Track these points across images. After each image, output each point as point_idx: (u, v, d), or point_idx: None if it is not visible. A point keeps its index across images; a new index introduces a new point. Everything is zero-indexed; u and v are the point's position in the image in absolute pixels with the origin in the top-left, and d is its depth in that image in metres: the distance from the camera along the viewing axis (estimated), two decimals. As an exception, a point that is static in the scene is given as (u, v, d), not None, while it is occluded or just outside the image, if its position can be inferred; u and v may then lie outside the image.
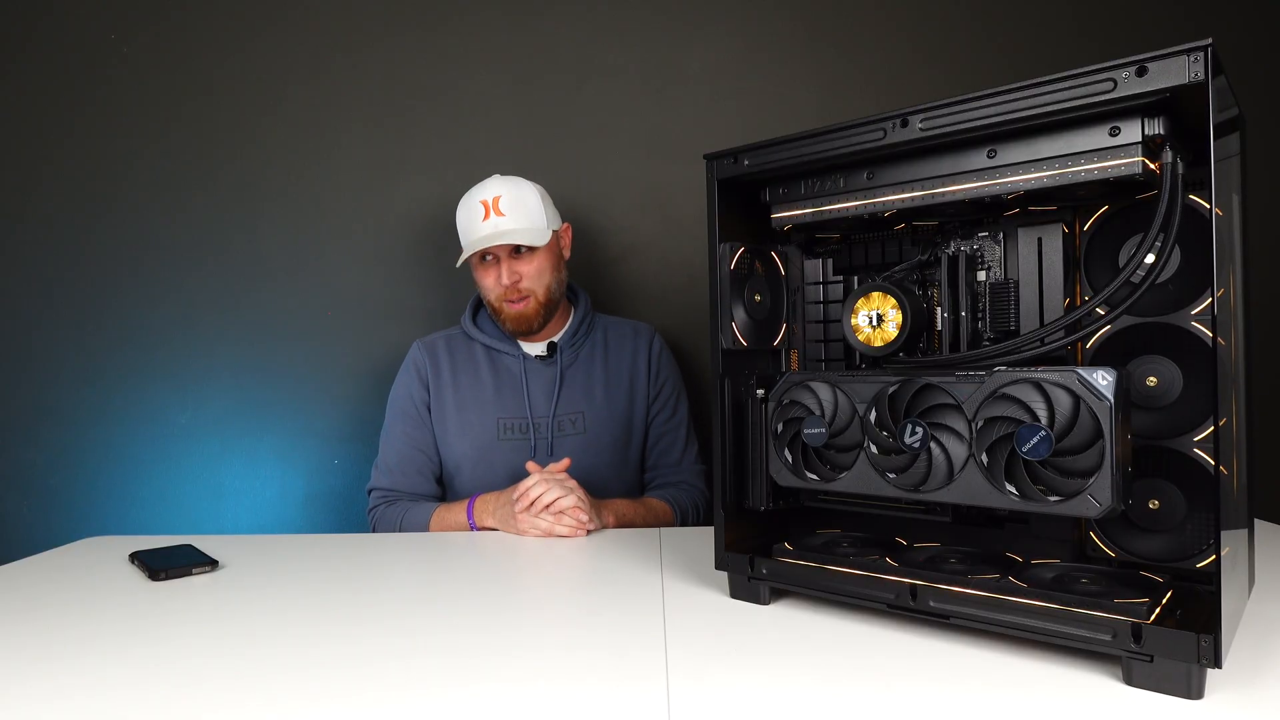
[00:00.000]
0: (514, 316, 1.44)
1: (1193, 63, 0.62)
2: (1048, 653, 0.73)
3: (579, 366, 1.49)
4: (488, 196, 1.42)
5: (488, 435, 1.44)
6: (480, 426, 1.44)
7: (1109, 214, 0.81)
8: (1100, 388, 0.67)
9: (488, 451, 1.44)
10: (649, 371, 1.53)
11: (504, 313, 1.45)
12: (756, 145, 0.86)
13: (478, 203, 1.43)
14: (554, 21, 1.71)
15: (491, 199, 1.42)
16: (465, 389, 1.47)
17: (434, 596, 0.99)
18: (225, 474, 1.70)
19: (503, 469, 1.43)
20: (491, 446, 1.44)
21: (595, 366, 1.50)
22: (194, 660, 0.76)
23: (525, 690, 0.68)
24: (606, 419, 1.47)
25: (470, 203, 1.44)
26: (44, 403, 1.68)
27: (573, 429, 1.45)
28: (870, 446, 0.80)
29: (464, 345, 1.50)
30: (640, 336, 1.54)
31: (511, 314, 1.44)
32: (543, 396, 1.46)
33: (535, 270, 1.43)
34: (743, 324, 0.92)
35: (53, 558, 1.20)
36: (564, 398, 1.46)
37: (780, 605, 0.89)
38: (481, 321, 1.53)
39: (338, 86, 1.70)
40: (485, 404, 1.45)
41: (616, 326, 1.56)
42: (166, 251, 1.69)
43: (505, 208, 1.41)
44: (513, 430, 1.45)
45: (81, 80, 1.68)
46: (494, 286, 1.44)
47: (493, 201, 1.41)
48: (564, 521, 1.21)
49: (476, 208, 1.43)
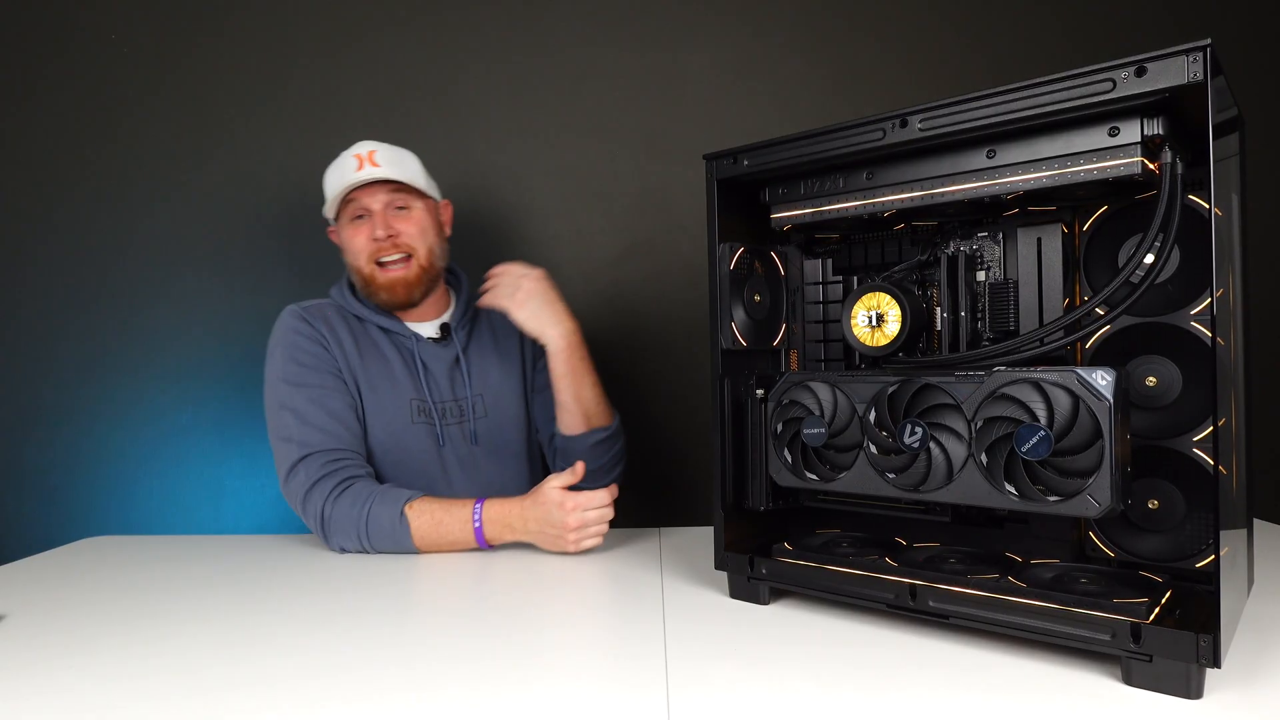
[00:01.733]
0: (389, 283, 1.28)
1: (1192, 63, 0.62)
2: (1047, 653, 0.73)
3: (473, 347, 1.38)
4: (361, 151, 1.29)
5: (402, 418, 1.29)
6: (394, 409, 1.28)
7: (1108, 214, 0.81)
8: (1099, 388, 0.67)
9: (402, 436, 1.28)
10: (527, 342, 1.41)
11: (377, 280, 1.28)
12: (756, 145, 0.87)
13: (350, 157, 1.29)
14: (554, 21, 1.71)
15: (366, 152, 1.28)
16: (372, 364, 1.29)
17: (432, 597, 0.99)
18: (225, 474, 1.69)
19: (417, 455, 1.29)
20: (405, 430, 1.29)
21: (485, 343, 1.39)
22: (194, 660, 0.76)
23: (525, 690, 0.68)
24: (507, 396, 1.37)
25: (342, 159, 1.30)
26: (43, 403, 1.68)
27: (475, 413, 1.34)
28: (870, 446, 0.80)
29: (353, 320, 1.33)
30: None
31: (386, 280, 1.28)
32: (448, 380, 1.33)
33: (417, 227, 1.30)
34: (742, 324, 0.92)
35: (53, 558, 1.20)
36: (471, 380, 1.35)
37: (780, 605, 0.89)
38: (362, 297, 1.34)
39: (338, 86, 1.70)
40: (396, 383, 1.30)
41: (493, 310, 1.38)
42: (167, 250, 1.69)
43: (381, 160, 1.27)
44: (423, 414, 1.30)
45: (81, 79, 1.68)
46: (366, 244, 1.28)
47: (367, 155, 1.28)
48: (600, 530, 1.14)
49: (349, 161, 1.28)
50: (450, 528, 1.14)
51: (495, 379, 1.38)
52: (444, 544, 1.15)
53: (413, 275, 1.29)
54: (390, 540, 1.14)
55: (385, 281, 1.28)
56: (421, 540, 1.14)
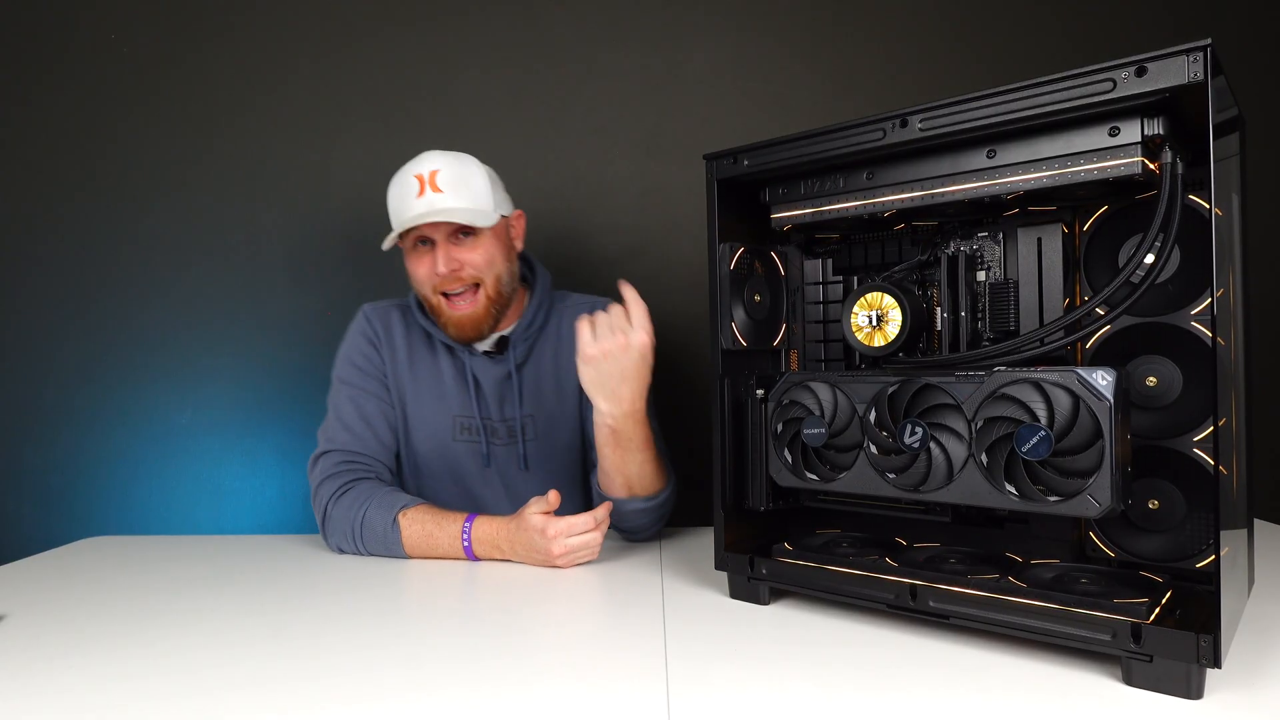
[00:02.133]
0: (457, 321, 1.21)
1: (1192, 63, 0.62)
2: (1047, 653, 0.73)
3: (530, 365, 1.29)
4: (423, 171, 1.19)
5: (443, 434, 1.26)
6: (437, 424, 1.26)
7: (1108, 214, 0.81)
8: (1100, 388, 0.67)
9: (444, 452, 1.26)
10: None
11: (444, 313, 1.22)
12: (756, 145, 0.87)
13: (411, 177, 1.19)
14: (554, 21, 1.71)
15: (428, 173, 1.18)
16: (422, 377, 1.27)
17: (432, 597, 0.99)
18: (225, 474, 1.69)
19: (459, 473, 1.27)
20: (447, 447, 1.26)
21: (544, 360, 1.29)
22: (194, 660, 0.76)
23: (525, 690, 0.68)
24: (558, 416, 1.28)
25: (403, 178, 1.21)
26: (43, 403, 1.68)
27: (526, 435, 1.27)
28: (870, 447, 0.80)
29: (416, 326, 1.29)
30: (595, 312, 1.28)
31: (454, 317, 1.21)
32: (498, 397, 1.27)
33: (483, 258, 1.20)
34: (742, 324, 0.92)
35: (53, 558, 1.20)
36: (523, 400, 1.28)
37: (780, 605, 0.89)
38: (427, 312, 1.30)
39: (338, 87, 1.70)
40: (443, 398, 1.26)
41: (570, 310, 1.30)
42: (167, 251, 1.69)
43: (444, 183, 1.18)
44: (468, 431, 1.27)
45: (82, 79, 1.68)
46: (428, 277, 1.20)
47: (429, 176, 1.18)
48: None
49: (409, 183, 1.19)
50: (440, 541, 1.11)
51: (550, 399, 1.29)
52: (433, 555, 1.13)
53: (480, 310, 1.22)
54: (381, 545, 1.13)
55: (453, 319, 1.22)
56: (412, 549, 1.12)
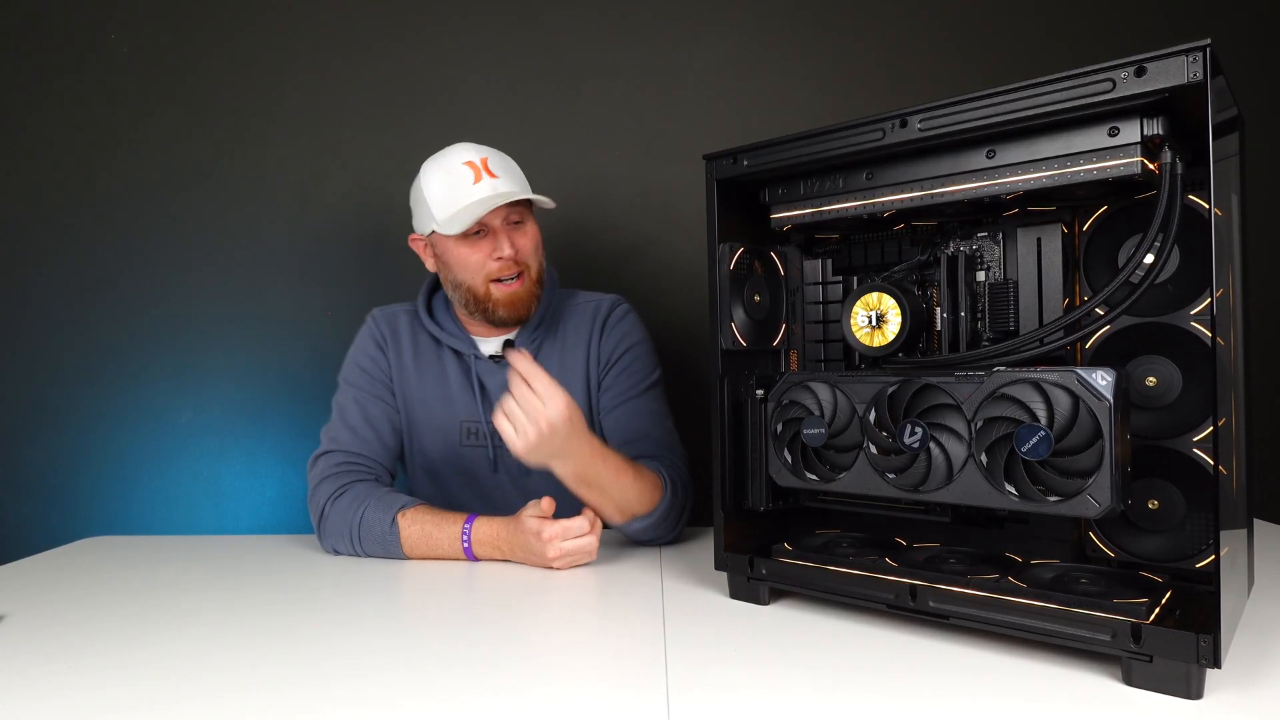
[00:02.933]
0: (509, 300, 1.21)
1: (1191, 63, 0.62)
2: (1047, 653, 0.73)
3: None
4: (473, 158, 1.18)
5: (451, 439, 1.27)
6: (445, 429, 1.26)
7: (1108, 214, 0.81)
8: (1099, 388, 0.67)
9: (452, 457, 1.27)
10: (597, 347, 1.29)
11: (494, 297, 1.21)
12: (756, 145, 0.87)
13: (461, 165, 1.18)
14: (554, 21, 1.71)
15: (479, 159, 1.18)
16: (428, 382, 1.27)
17: (432, 598, 0.99)
18: (225, 474, 1.69)
19: (468, 477, 1.27)
20: (455, 452, 1.27)
21: (552, 363, 1.27)
22: (195, 660, 0.76)
23: (525, 691, 0.68)
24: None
25: (449, 165, 1.19)
26: (44, 403, 1.68)
27: None
28: (870, 447, 0.80)
29: (422, 330, 1.29)
30: (599, 313, 1.30)
31: (505, 296, 1.21)
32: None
33: (532, 243, 1.23)
34: (742, 324, 0.92)
35: (53, 558, 1.20)
36: None
37: (780, 605, 0.89)
38: (438, 315, 1.31)
39: (337, 87, 1.70)
40: (450, 403, 1.27)
41: (577, 309, 1.32)
42: (167, 251, 1.69)
43: (497, 169, 1.19)
44: (475, 436, 1.27)
45: (82, 79, 1.68)
46: (485, 262, 1.19)
47: (481, 162, 1.18)
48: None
49: (462, 170, 1.17)
50: (439, 541, 1.11)
51: None
52: (432, 556, 1.12)
53: (527, 292, 1.23)
54: (379, 546, 1.12)
55: (506, 298, 1.21)
56: (411, 550, 1.12)
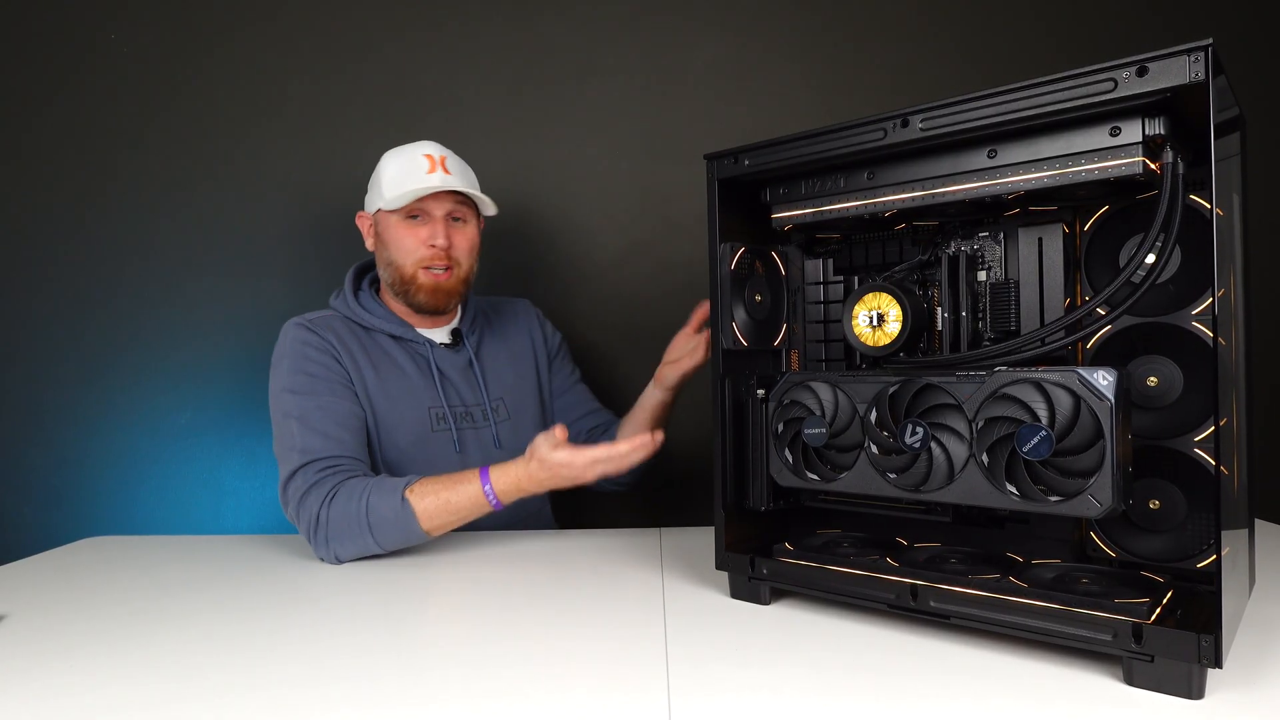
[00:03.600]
0: (431, 287, 1.27)
1: (1193, 63, 0.62)
2: (1048, 653, 0.73)
3: (485, 351, 1.38)
4: (433, 152, 1.28)
5: (422, 427, 1.29)
6: (414, 418, 1.28)
7: (1109, 214, 0.81)
8: (1101, 388, 0.67)
9: (424, 445, 1.29)
10: (543, 340, 1.46)
11: (419, 281, 1.27)
12: (757, 145, 0.87)
13: (420, 155, 1.28)
14: (554, 21, 1.71)
15: (438, 156, 1.28)
16: (387, 376, 1.28)
17: (431, 598, 0.99)
18: (225, 474, 1.69)
19: (439, 463, 1.27)
20: (427, 438, 1.29)
21: (498, 349, 1.40)
22: (195, 660, 0.76)
23: (525, 691, 0.68)
24: (525, 399, 1.39)
25: (410, 154, 1.29)
26: (44, 403, 1.68)
27: (498, 416, 1.35)
28: (871, 446, 0.80)
29: (361, 331, 1.31)
30: (523, 311, 1.47)
31: (429, 283, 1.27)
32: (462, 385, 1.34)
33: (468, 243, 1.31)
34: (743, 324, 0.92)
35: (53, 558, 1.20)
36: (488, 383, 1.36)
37: (780, 605, 0.89)
38: (367, 304, 1.33)
39: (338, 87, 1.70)
40: (413, 392, 1.29)
41: (499, 308, 1.46)
42: (167, 250, 1.69)
43: (453, 169, 1.28)
44: (442, 421, 1.31)
45: (81, 79, 1.68)
46: (418, 248, 1.26)
47: (439, 159, 1.28)
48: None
49: (419, 159, 1.27)
50: (458, 505, 1.11)
51: (511, 381, 1.39)
52: (453, 521, 1.13)
53: (452, 285, 1.29)
54: (395, 529, 1.09)
55: (429, 284, 1.28)
56: (428, 521, 1.10)
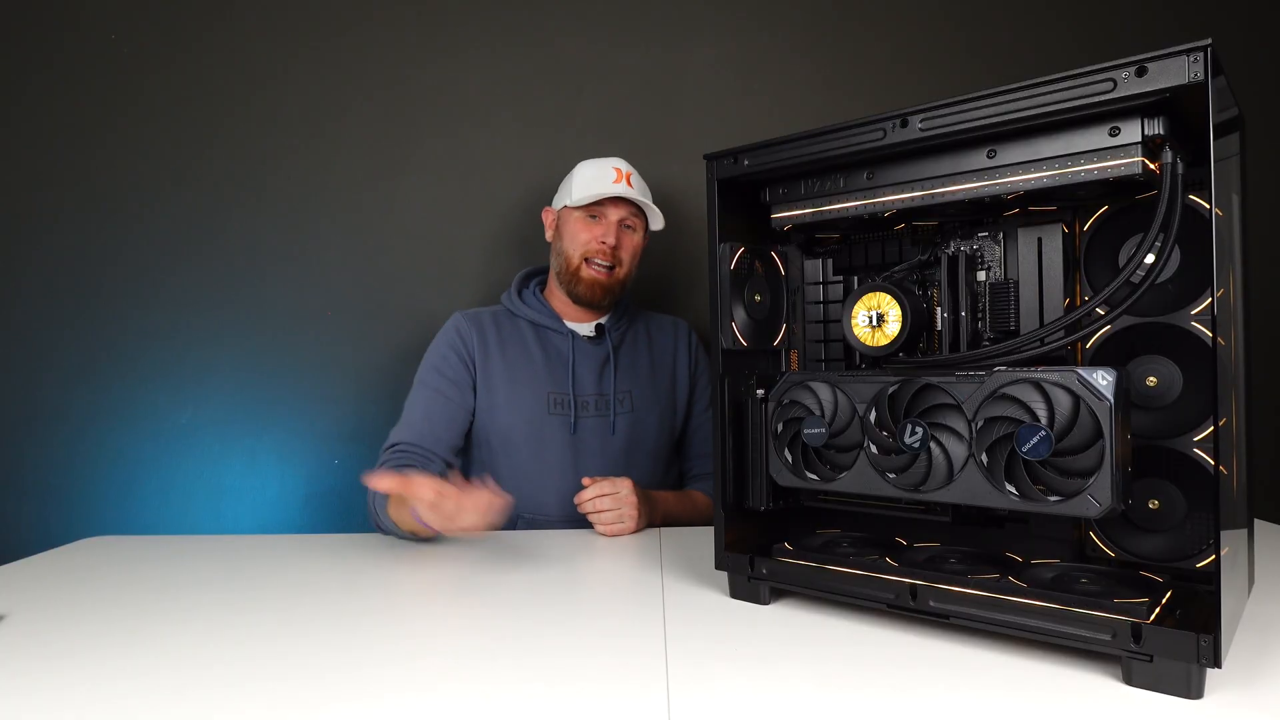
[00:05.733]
0: (590, 281, 1.43)
1: (1192, 63, 0.62)
2: (1047, 653, 0.73)
3: (625, 349, 1.50)
4: (622, 166, 1.44)
5: (539, 408, 1.42)
6: (532, 399, 1.42)
7: (1109, 214, 0.81)
8: (1100, 388, 0.67)
9: (539, 425, 1.42)
10: (690, 362, 1.56)
11: (582, 275, 1.43)
12: (756, 145, 0.87)
13: (610, 167, 1.44)
14: (554, 21, 1.71)
15: (625, 171, 1.43)
16: (515, 362, 1.44)
17: (431, 597, 0.99)
18: (225, 474, 1.69)
19: (552, 444, 1.41)
20: (543, 420, 1.42)
21: (640, 350, 1.51)
22: (195, 660, 0.76)
23: (524, 690, 0.68)
24: (652, 400, 1.49)
25: (603, 164, 1.45)
26: (43, 402, 1.68)
27: (621, 408, 1.46)
28: (870, 446, 0.80)
29: (509, 321, 1.48)
30: (679, 329, 1.58)
31: (589, 277, 1.42)
32: (591, 374, 1.45)
33: (634, 249, 1.45)
34: (743, 324, 0.92)
35: (53, 558, 1.20)
36: (618, 376, 1.47)
37: (780, 605, 0.89)
38: (527, 299, 1.50)
39: (337, 86, 1.70)
40: (535, 377, 1.43)
41: (656, 319, 1.58)
42: (166, 250, 1.69)
43: (635, 184, 1.43)
44: (562, 405, 1.43)
45: (80, 79, 1.68)
46: (590, 241, 1.42)
47: (626, 174, 1.43)
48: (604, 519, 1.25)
49: (608, 170, 1.43)
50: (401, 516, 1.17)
51: (645, 380, 1.49)
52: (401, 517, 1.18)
53: (611, 282, 1.43)
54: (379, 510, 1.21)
55: (591, 279, 1.42)
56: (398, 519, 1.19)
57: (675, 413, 1.54)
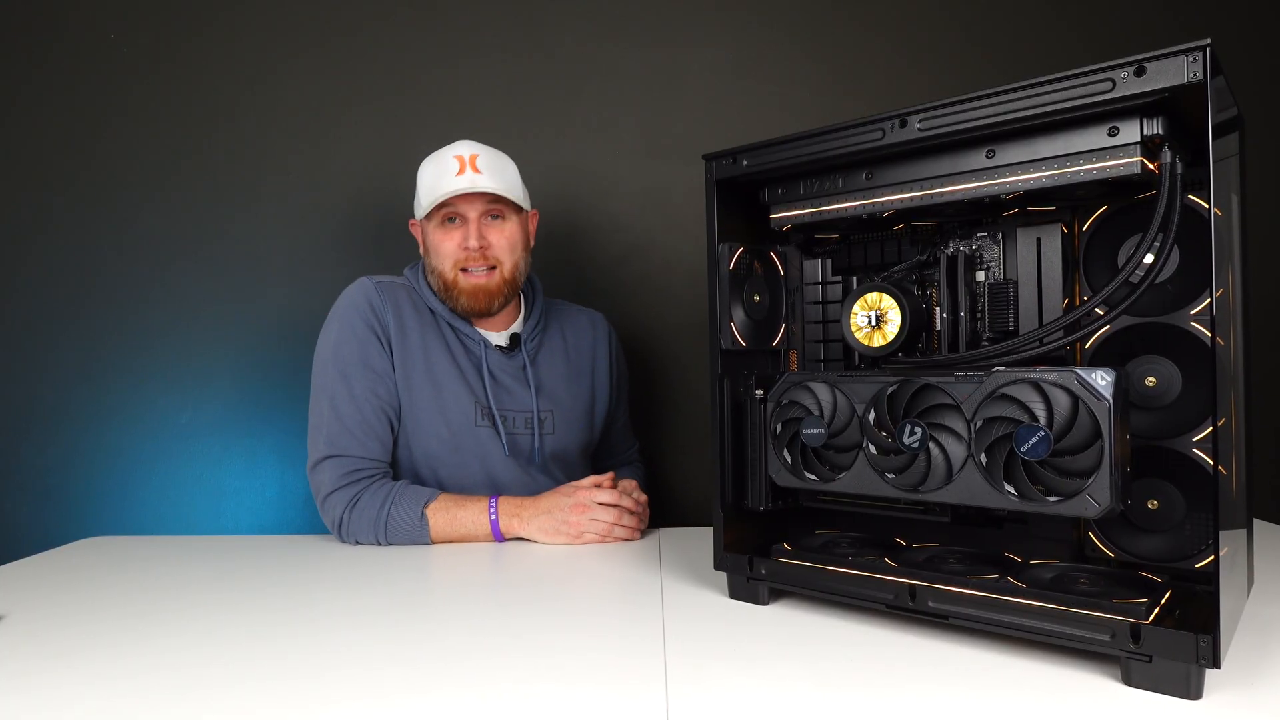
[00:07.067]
0: (471, 290, 1.27)
1: (1191, 63, 0.62)
2: (1047, 653, 0.73)
3: (542, 362, 1.37)
4: (463, 153, 1.27)
5: (466, 418, 1.28)
6: (458, 409, 1.27)
7: (1108, 214, 0.81)
8: (1099, 388, 0.67)
9: (465, 437, 1.28)
10: (610, 365, 1.46)
11: (459, 285, 1.27)
12: (756, 145, 0.87)
13: (451, 158, 1.27)
14: (553, 21, 1.71)
15: (468, 156, 1.26)
16: (439, 364, 1.28)
17: (431, 597, 0.99)
18: (225, 474, 1.69)
19: (475, 460, 1.29)
20: (469, 432, 1.28)
21: (556, 361, 1.38)
22: (195, 660, 0.76)
23: (524, 690, 0.68)
24: (573, 418, 1.38)
25: (441, 157, 1.28)
26: (43, 402, 1.68)
27: (544, 428, 1.34)
28: (869, 447, 0.80)
29: (425, 311, 1.31)
30: (598, 329, 1.46)
31: (469, 286, 1.27)
32: (516, 389, 1.32)
33: (508, 241, 1.29)
34: (742, 324, 0.92)
35: (53, 558, 1.20)
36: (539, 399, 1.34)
37: (779, 605, 0.89)
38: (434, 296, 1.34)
39: (337, 87, 1.70)
40: (464, 384, 1.29)
41: (572, 317, 1.45)
42: (166, 250, 1.69)
43: (483, 167, 1.26)
44: (487, 418, 1.29)
45: (79, 79, 1.68)
46: (455, 251, 1.26)
47: (469, 159, 1.26)
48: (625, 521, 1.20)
49: (449, 162, 1.26)
50: (463, 520, 1.20)
51: (563, 394, 1.38)
52: (459, 539, 1.21)
53: (494, 285, 1.29)
54: (407, 537, 1.20)
55: (468, 288, 1.28)
56: (438, 535, 1.20)
57: (594, 424, 1.43)
